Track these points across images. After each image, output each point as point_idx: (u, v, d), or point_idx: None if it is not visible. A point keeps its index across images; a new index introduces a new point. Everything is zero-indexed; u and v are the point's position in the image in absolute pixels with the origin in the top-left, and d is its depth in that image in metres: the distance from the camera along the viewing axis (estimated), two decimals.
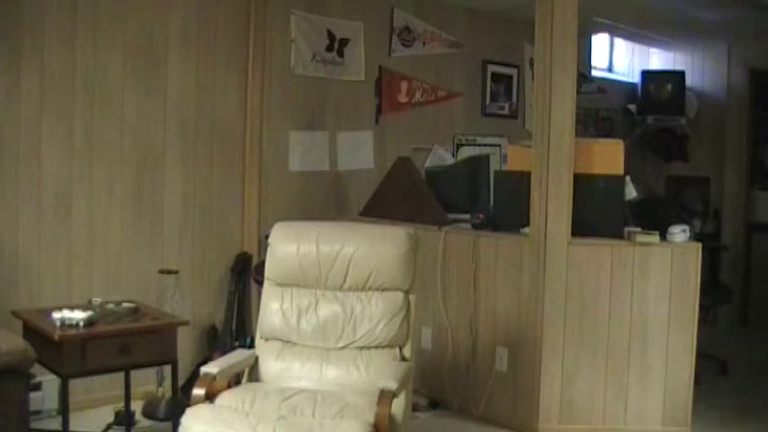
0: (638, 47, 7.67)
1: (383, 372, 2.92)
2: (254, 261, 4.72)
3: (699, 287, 3.93)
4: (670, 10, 5.79)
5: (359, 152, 5.47)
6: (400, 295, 3.21)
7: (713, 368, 5.05)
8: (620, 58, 7.82)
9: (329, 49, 5.27)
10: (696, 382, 3.98)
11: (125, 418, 3.76)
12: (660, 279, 3.91)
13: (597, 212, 3.96)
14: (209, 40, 4.62)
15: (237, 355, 3.23)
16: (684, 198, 6.77)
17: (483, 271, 4.21)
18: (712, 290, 5.20)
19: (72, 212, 4.10)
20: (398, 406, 2.83)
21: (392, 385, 2.76)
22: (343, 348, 3.19)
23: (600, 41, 7.50)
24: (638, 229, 4.02)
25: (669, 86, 7.20)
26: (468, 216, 4.40)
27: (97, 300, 3.54)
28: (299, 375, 3.14)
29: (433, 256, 4.34)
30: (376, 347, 3.18)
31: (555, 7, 3.89)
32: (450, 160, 5.94)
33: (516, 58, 6.66)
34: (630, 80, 7.72)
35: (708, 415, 4.20)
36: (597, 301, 3.92)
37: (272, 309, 3.26)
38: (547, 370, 3.95)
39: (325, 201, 5.26)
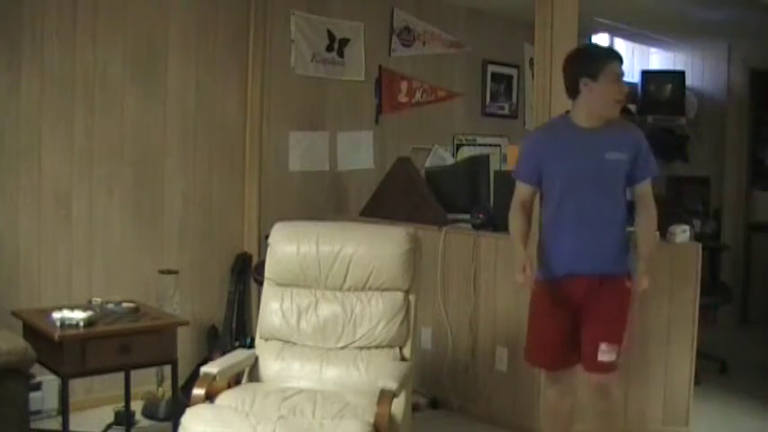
0: (638, 47, 7.67)
1: (383, 372, 2.92)
2: (254, 261, 4.72)
3: (699, 287, 3.93)
4: (670, 10, 5.78)
5: (359, 152, 5.48)
6: (400, 295, 3.21)
7: (713, 368, 5.05)
8: None
9: (329, 49, 5.27)
10: (696, 382, 3.98)
11: (125, 418, 3.76)
12: (660, 279, 3.90)
13: None
14: (209, 41, 4.62)
15: (237, 355, 3.23)
16: (684, 198, 6.77)
17: (483, 271, 4.20)
18: (712, 290, 5.20)
19: (72, 212, 4.10)
20: (398, 406, 2.83)
21: (392, 385, 2.76)
22: (343, 348, 3.19)
23: (600, 41, 7.49)
24: None
25: (669, 86, 7.20)
26: (468, 216, 4.40)
27: (97, 300, 3.54)
28: (299, 375, 3.13)
29: (433, 256, 4.34)
30: (376, 347, 3.18)
31: (555, 7, 3.89)
32: (450, 160, 5.94)
33: (516, 58, 6.66)
34: (630, 80, 7.71)
35: (708, 415, 4.19)
36: None
37: (272, 309, 3.26)
38: None
39: (325, 201, 5.26)
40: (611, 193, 3.03)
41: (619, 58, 3.02)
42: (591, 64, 2.99)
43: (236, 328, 4.65)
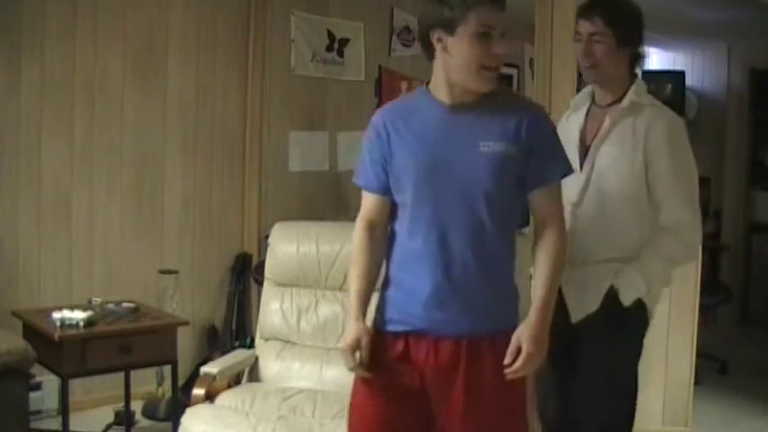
0: None
1: None
2: (254, 261, 4.72)
3: (699, 287, 3.93)
4: (670, 10, 5.78)
5: (359, 152, 5.46)
6: None
7: (713, 368, 5.05)
8: None
9: (329, 49, 5.27)
10: (696, 382, 3.98)
11: (125, 418, 3.75)
12: None
13: None
14: (209, 40, 4.62)
15: (237, 355, 3.23)
16: None
17: None
18: (712, 290, 5.20)
19: (72, 212, 4.10)
20: None
21: None
22: None
23: None
24: None
25: (669, 86, 7.20)
26: None
27: (97, 300, 3.54)
28: (299, 375, 3.13)
29: None
30: None
31: (555, 7, 3.89)
32: None
33: (516, 58, 6.65)
34: None
35: (708, 415, 4.19)
36: None
37: (272, 309, 3.26)
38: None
39: (325, 201, 5.26)
40: (490, 205, 1.97)
41: (489, 1, 1.92)
42: (446, 9, 1.93)
43: (236, 328, 4.65)
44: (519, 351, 1.90)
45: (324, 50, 5.24)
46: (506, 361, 1.90)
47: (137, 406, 3.97)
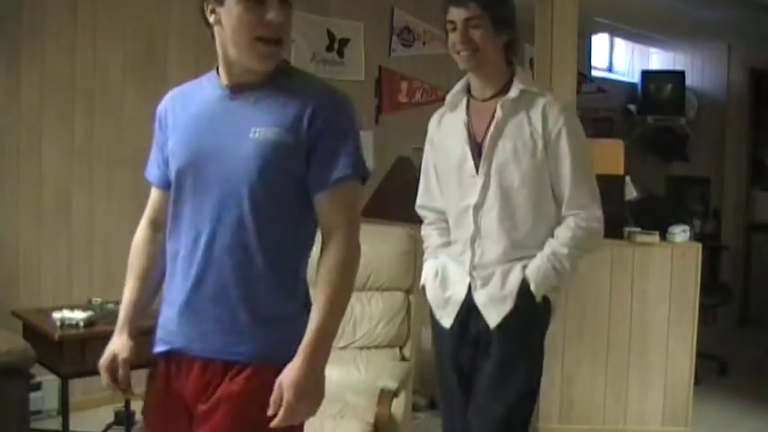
0: (638, 47, 7.67)
1: (383, 372, 2.93)
2: None
3: (699, 287, 3.93)
4: (670, 10, 5.79)
5: None
6: (400, 295, 3.22)
7: (713, 368, 5.05)
8: (620, 58, 7.83)
9: (329, 49, 5.27)
10: (696, 382, 3.98)
11: (125, 418, 3.75)
12: (660, 279, 3.91)
13: None
14: (209, 40, 4.59)
15: None
16: (684, 198, 6.77)
17: None
18: (712, 290, 5.21)
19: (72, 212, 4.10)
20: (398, 406, 2.83)
21: (392, 385, 2.77)
22: (343, 348, 3.18)
23: (600, 41, 7.50)
24: (638, 229, 4.02)
25: (669, 86, 7.21)
26: None
27: (97, 300, 3.53)
28: None
29: None
30: (376, 347, 3.18)
31: (555, 7, 3.89)
32: None
33: (516, 58, 6.65)
34: (630, 80, 7.72)
35: (708, 415, 4.19)
36: (597, 301, 3.92)
37: None
38: (547, 370, 3.91)
39: None
40: (256, 204, 1.64)
41: None
42: None
43: None
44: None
45: (324, 50, 5.24)
46: (269, 412, 1.56)
47: (137, 406, 3.96)
